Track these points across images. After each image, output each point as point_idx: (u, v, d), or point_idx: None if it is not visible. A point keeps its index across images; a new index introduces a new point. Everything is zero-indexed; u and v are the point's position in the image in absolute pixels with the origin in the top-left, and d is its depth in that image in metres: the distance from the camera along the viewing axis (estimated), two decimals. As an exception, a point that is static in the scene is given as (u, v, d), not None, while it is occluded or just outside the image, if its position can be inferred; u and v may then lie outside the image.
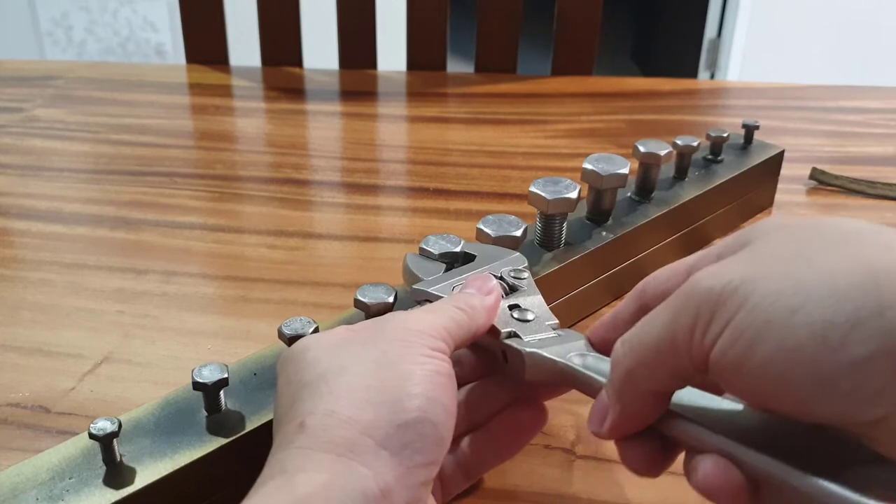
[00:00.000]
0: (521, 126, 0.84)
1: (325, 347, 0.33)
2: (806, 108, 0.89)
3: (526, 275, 0.42)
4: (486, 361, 0.39)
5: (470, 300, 0.37)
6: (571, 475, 0.42)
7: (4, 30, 2.34)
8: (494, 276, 0.41)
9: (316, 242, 0.64)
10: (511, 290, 0.41)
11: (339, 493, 0.28)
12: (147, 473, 0.35)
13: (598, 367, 0.34)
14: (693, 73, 2.52)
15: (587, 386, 0.34)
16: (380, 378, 0.31)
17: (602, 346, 0.36)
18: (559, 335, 0.37)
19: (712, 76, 2.49)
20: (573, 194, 0.48)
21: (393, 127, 0.88)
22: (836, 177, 0.71)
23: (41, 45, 2.35)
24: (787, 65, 2.31)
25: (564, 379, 0.35)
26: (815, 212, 0.69)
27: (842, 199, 0.70)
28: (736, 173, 0.62)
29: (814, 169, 0.72)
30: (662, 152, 0.55)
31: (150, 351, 0.52)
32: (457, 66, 1.09)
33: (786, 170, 0.74)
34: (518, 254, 0.44)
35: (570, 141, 0.81)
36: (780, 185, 0.72)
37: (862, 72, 2.25)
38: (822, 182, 0.72)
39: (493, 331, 0.37)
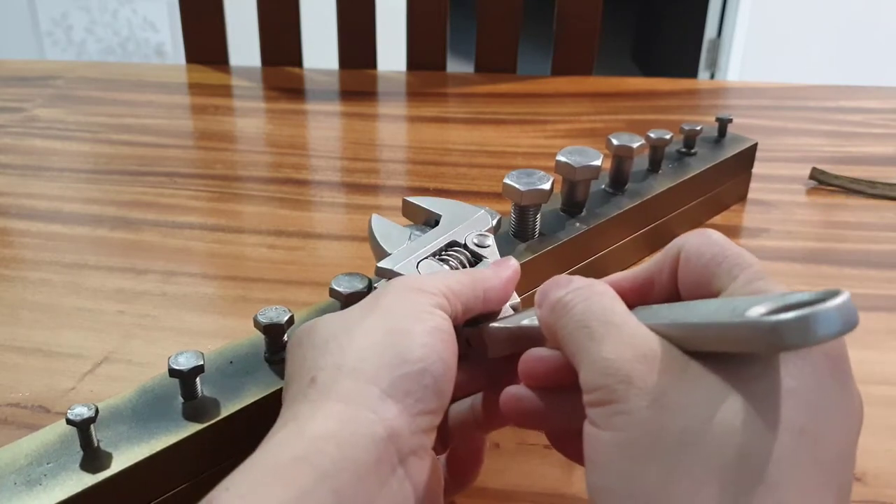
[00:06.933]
0: (521, 126, 0.84)
1: (334, 317, 0.36)
2: (806, 108, 0.89)
3: (490, 241, 0.43)
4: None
5: (482, 272, 0.38)
6: (571, 475, 0.42)
7: (4, 30, 2.34)
8: (458, 243, 0.43)
9: (316, 242, 0.64)
10: (475, 259, 0.42)
11: (349, 436, 0.30)
12: (123, 458, 0.36)
13: None
14: (693, 73, 2.52)
15: (542, 338, 0.34)
16: (384, 333, 0.33)
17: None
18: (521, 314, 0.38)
19: (712, 76, 2.49)
20: (546, 186, 0.49)
21: (393, 127, 0.88)
22: (837, 177, 0.71)
23: (41, 45, 2.35)
24: (787, 65, 2.31)
25: (524, 341, 0.35)
26: (815, 212, 0.69)
27: (842, 199, 0.70)
28: (708, 166, 0.63)
29: (814, 169, 0.72)
30: (635, 145, 0.56)
31: (150, 351, 0.52)
32: (457, 66, 1.09)
33: (786, 170, 0.74)
34: (483, 211, 0.45)
35: (569, 141, 0.81)
36: (780, 185, 0.72)
37: (862, 72, 2.25)
38: (822, 182, 0.72)
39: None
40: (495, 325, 0.36)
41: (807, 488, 0.25)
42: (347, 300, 0.42)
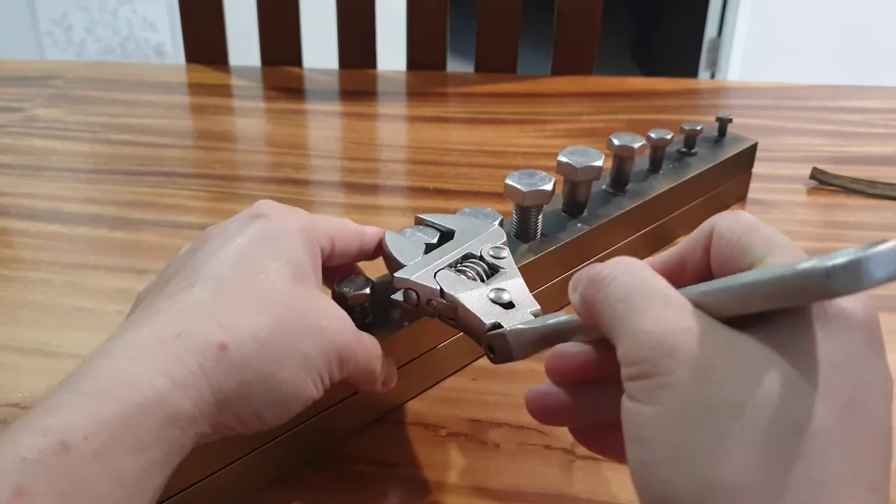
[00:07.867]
0: (521, 126, 0.84)
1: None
2: (806, 108, 0.89)
3: (505, 253, 0.42)
4: None
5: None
6: (571, 475, 0.42)
7: (4, 30, 2.34)
8: (474, 255, 0.42)
9: (316, 242, 0.64)
10: (491, 270, 0.41)
11: None
12: None
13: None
14: (693, 73, 2.52)
15: (571, 332, 0.34)
16: None
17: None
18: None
19: (712, 76, 2.49)
20: (548, 186, 0.49)
21: (393, 127, 0.88)
22: (837, 177, 0.71)
23: (41, 45, 2.35)
24: (787, 65, 2.31)
25: (548, 340, 0.35)
26: (815, 212, 0.69)
27: (842, 199, 0.70)
28: (709, 166, 0.63)
29: (814, 169, 0.72)
30: (636, 145, 0.56)
31: (149, 351, 0.51)
32: (457, 66, 1.09)
33: (786, 170, 0.74)
34: (497, 227, 0.45)
35: (570, 141, 0.81)
36: (781, 185, 0.72)
37: (862, 72, 2.25)
38: (822, 182, 0.72)
39: (476, 326, 0.38)
40: (519, 326, 0.36)
41: (854, 460, 0.25)
42: (351, 302, 0.42)
